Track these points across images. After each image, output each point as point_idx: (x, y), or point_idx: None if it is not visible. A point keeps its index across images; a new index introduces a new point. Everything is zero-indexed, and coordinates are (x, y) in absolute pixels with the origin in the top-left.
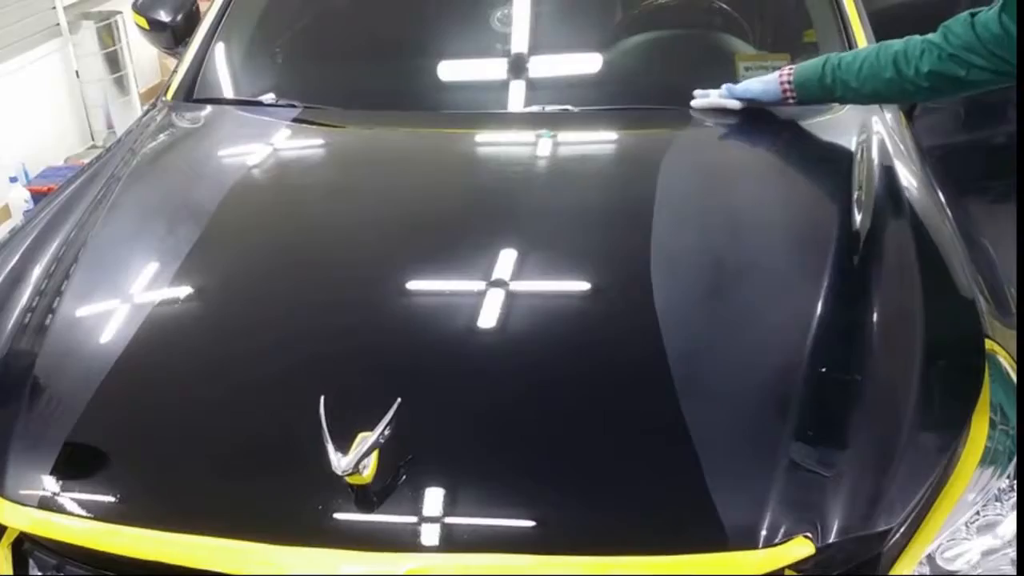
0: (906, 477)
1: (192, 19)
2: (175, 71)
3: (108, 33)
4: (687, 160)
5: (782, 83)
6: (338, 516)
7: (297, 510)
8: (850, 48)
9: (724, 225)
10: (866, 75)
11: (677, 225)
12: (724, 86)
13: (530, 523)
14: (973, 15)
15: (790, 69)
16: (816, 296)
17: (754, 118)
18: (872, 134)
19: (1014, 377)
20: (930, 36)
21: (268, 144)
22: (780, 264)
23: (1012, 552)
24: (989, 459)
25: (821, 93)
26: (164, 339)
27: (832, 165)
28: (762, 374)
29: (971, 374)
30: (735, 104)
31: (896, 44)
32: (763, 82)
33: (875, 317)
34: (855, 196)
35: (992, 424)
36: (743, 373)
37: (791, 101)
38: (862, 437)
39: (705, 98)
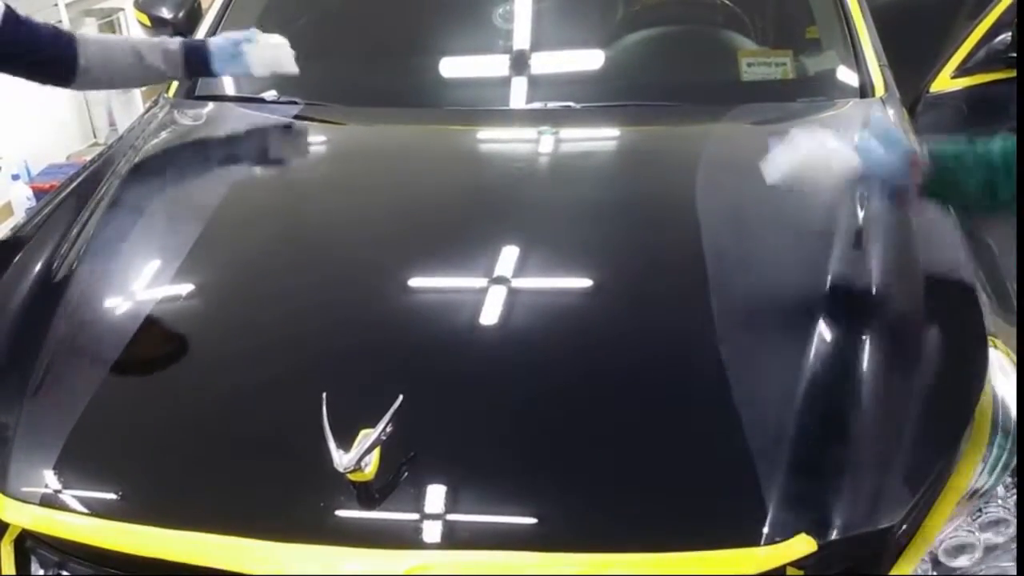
0: (908, 474)
1: (194, 16)
2: None
3: (110, 30)
4: (689, 157)
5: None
6: (340, 513)
7: (299, 507)
8: (853, 46)
9: (725, 221)
10: None
11: (679, 222)
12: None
13: (532, 520)
14: None
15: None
16: (817, 293)
17: (755, 116)
18: None
19: (1015, 374)
20: None
21: (270, 141)
22: (781, 261)
23: (1015, 549)
24: (991, 456)
25: (981, 195)
26: (166, 336)
27: None
28: (764, 371)
29: (973, 371)
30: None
31: None
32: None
33: (878, 315)
34: (857, 193)
35: (994, 421)
36: (745, 370)
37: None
38: (864, 434)
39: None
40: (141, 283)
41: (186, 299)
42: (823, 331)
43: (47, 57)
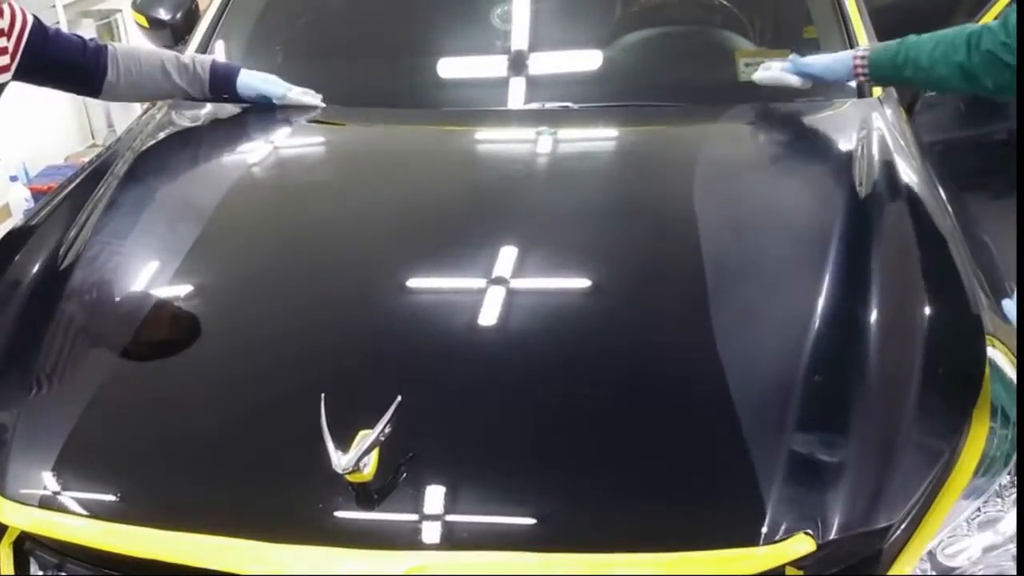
0: (907, 473)
1: (192, 17)
2: None
3: (108, 31)
4: (687, 157)
5: (855, 58)
6: (339, 514)
7: (298, 508)
8: (851, 46)
9: (724, 221)
10: (939, 56)
11: (677, 222)
12: (790, 58)
13: (531, 521)
14: None
15: (866, 48)
16: (816, 292)
17: (755, 114)
18: (872, 130)
19: (1014, 373)
20: (993, 23)
21: (268, 142)
22: (780, 261)
23: (1013, 548)
24: (990, 455)
25: (892, 72)
26: (164, 337)
27: (832, 161)
28: (763, 371)
29: (972, 370)
30: (795, 81)
31: (970, 27)
32: (832, 58)
33: (875, 313)
34: (855, 192)
35: (992, 420)
36: (743, 370)
37: (862, 78)
38: (863, 433)
39: (768, 70)
40: (139, 285)
41: (184, 301)
42: (821, 331)
43: (73, 71)
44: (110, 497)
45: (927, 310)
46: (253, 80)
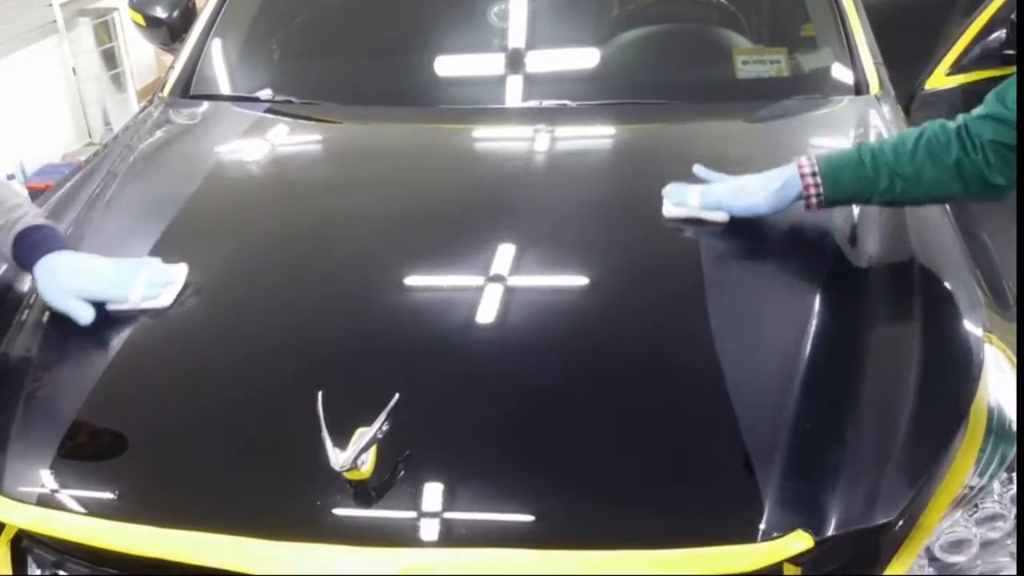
0: (904, 470)
1: (188, 15)
2: (171, 67)
3: (105, 30)
4: (684, 155)
5: (804, 178)
6: (336, 512)
7: (295, 506)
8: (848, 43)
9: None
10: (923, 159)
11: (674, 219)
12: (713, 185)
13: (529, 518)
14: None
15: (811, 161)
16: (813, 291)
17: (752, 112)
18: (870, 127)
19: (1012, 371)
20: (981, 109)
21: (265, 140)
22: (776, 259)
23: (1011, 544)
24: (987, 451)
25: (858, 186)
26: (162, 335)
27: None
28: (761, 367)
29: (969, 368)
30: (721, 217)
31: (949, 123)
32: (765, 186)
33: (873, 311)
34: None
35: (990, 417)
36: (742, 367)
37: (814, 201)
38: (860, 430)
39: (680, 206)
40: None
41: (182, 298)
42: (819, 328)
43: None
44: (107, 495)
45: (925, 308)
46: (73, 268)
